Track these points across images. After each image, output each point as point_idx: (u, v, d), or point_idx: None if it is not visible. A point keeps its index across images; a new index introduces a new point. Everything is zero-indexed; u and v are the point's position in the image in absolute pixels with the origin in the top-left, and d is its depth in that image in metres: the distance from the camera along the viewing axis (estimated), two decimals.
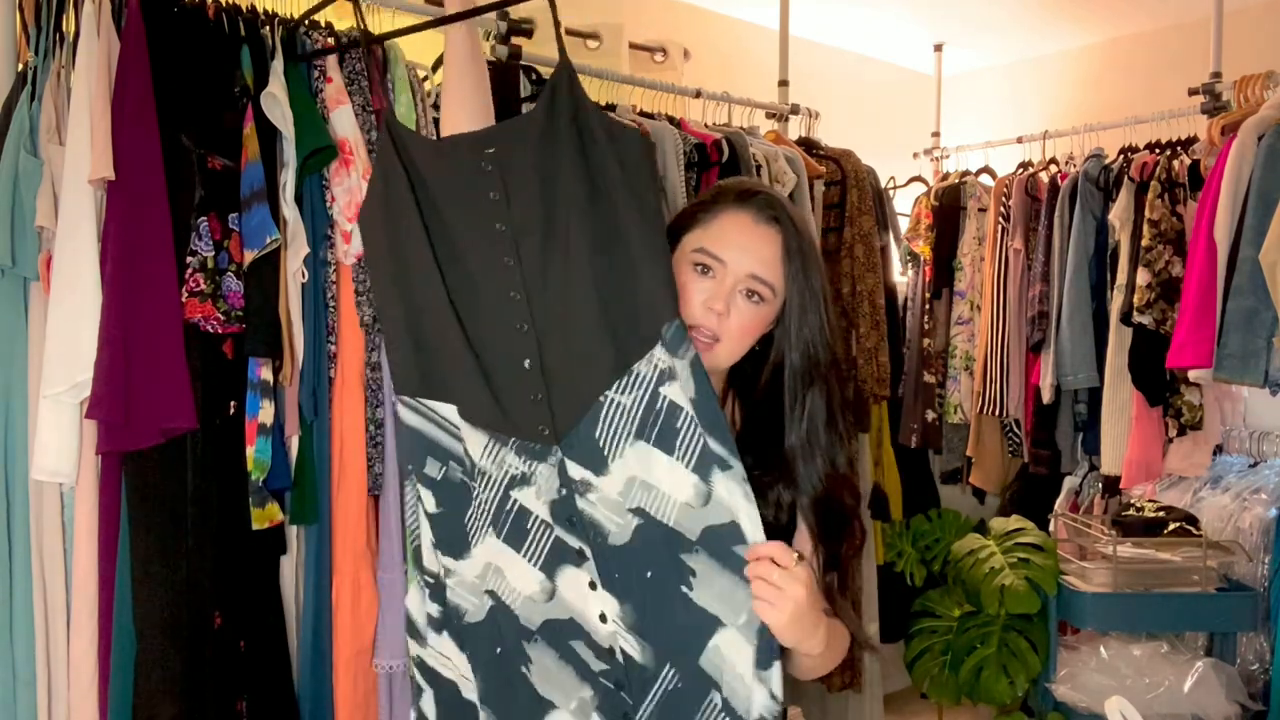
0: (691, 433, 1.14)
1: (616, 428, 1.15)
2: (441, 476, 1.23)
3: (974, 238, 3.49)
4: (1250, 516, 2.71)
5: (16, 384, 1.72)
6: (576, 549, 1.17)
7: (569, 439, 1.16)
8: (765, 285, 1.23)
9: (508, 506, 1.19)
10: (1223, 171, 2.50)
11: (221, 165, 1.76)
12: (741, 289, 1.23)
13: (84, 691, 1.69)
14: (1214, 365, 2.46)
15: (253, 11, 1.90)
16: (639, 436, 1.14)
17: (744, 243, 1.24)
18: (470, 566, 1.23)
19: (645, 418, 1.14)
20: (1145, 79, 3.55)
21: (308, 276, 1.84)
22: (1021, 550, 2.78)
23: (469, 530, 1.22)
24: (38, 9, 1.76)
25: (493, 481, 1.20)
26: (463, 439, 1.21)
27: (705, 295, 1.22)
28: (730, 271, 1.23)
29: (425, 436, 1.23)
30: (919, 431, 3.49)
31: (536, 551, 1.19)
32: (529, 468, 1.18)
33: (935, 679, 2.87)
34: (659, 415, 1.14)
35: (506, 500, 1.19)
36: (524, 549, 1.19)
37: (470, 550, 1.22)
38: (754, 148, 2.56)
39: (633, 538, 1.14)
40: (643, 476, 1.14)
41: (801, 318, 1.24)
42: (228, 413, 1.79)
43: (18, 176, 1.70)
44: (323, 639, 1.89)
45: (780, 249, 1.24)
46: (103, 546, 1.71)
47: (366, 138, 1.90)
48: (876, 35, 3.78)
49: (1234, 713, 2.51)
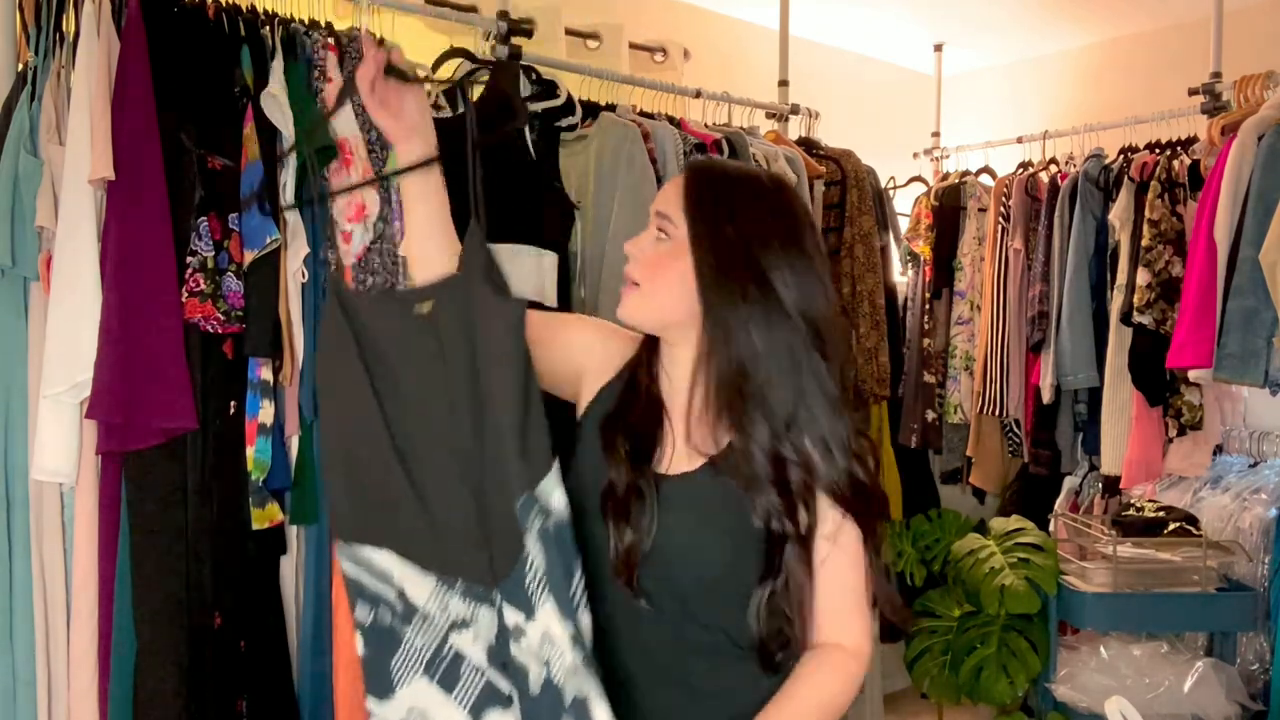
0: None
1: (536, 577, 1.14)
2: (370, 622, 1.23)
3: (974, 238, 3.49)
4: (1250, 516, 2.71)
5: (16, 384, 1.72)
6: (506, 694, 1.17)
7: (505, 583, 1.15)
8: (666, 220, 1.20)
9: (445, 649, 1.19)
10: (1223, 171, 2.50)
11: (221, 165, 1.76)
12: (656, 229, 1.21)
13: (84, 691, 1.69)
14: (1214, 365, 2.46)
15: (253, 11, 1.90)
16: (550, 590, 1.13)
17: (664, 191, 1.23)
18: (394, 709, 1.22)
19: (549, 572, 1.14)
20: (1145, 79, 3.55)
21: (308, 276, 1.85)
22: (1021, 550, 2.78)
23: (394, 673, 1.22)
24: (38, 9, 1.76)
25: (434, 625, 1.20)
26: (399, 584, 1.21)
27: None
28: (651, 219, 1.23)
29: (356, 582, 1.24)
30: (919, 431, 3.49)
31: (467, 695, 1.19)
32: (470, 611, 1.18)
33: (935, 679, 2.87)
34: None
35: (445, 643, 1.19)
36: (455, 691, 1.19)
37: (394, 693, 1.22)
38: (754, 148, 2.57)
39: (541, 689, 1.14)
40: (548, 629, 1.13)
41: (702, 257, 1.16)
42: (228, 413, 1.79)
43: (18, 176, 1.70)
44: (323, 639, 1.89)
45: (683, 186, 1.21)
46: (103, 546, 1.71)
47: (366, 137, 1.90)
48: (876, 35, 3.78)
49: (1234, 713, 2.51)
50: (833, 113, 3.19)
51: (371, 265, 1.90)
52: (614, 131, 2.35)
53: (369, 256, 1.90)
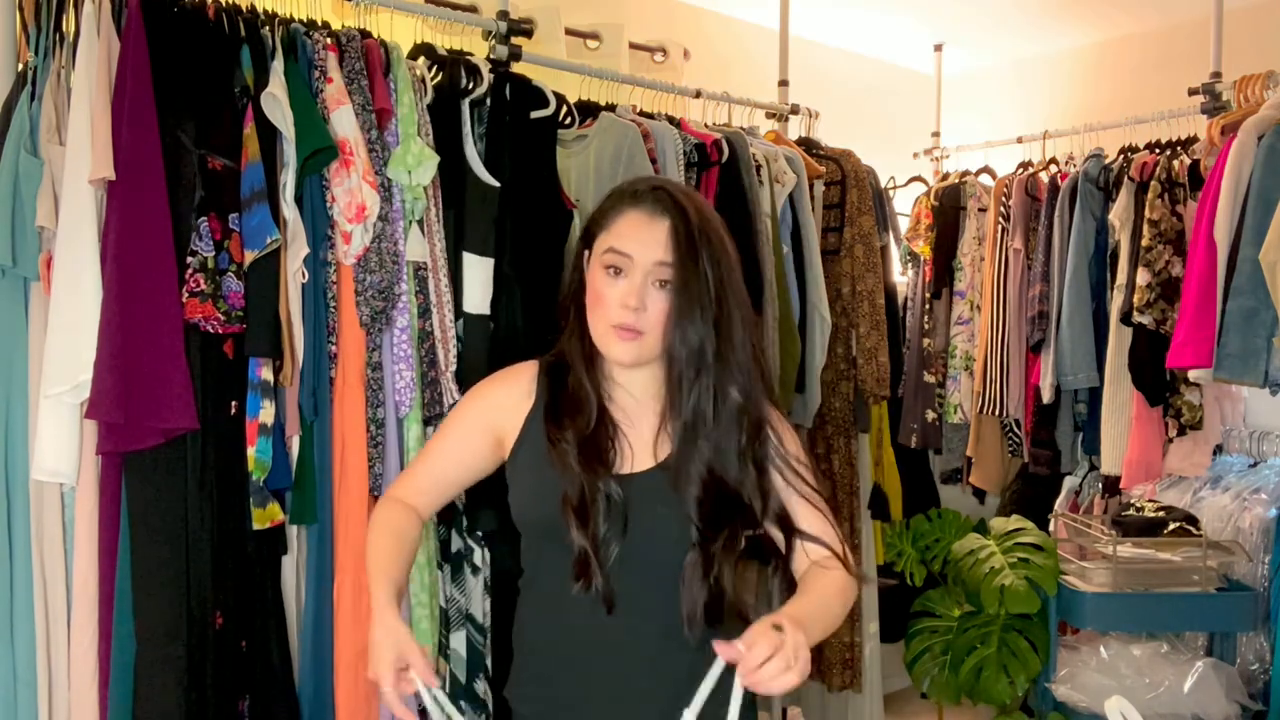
0: None
1: None
2: None
3: (974, 238, 3.49)
4: (1250, 516, 2.71)
5: (17, 384, 1.72)
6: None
7: None
8: (669, 269, 1.27)
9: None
10: (1223, 171, 2.50)
11: (221, 165, 1.76)
12: (653, 280, 1.28)
13: (84, 691, 1.69)
14: (1214, 365, 2.46)
15: (253, 11, 1.90)
16: None
17: (643, 236, 1.28)
18: None
19: None
20: (1145, 79, 3.55)
21: (308, 276, 1.85)
22: (1021, 550, 2.78)
23: None
24: (38, 9, 1.76)
25: None
26: None
27: (620, 293, 1.28)
28: (638, 265, 1.28)
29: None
30: (919, 431, 3.49)
31: None
32: None
33: (935, 679, 2.87)
34: None
35: None
36: None
37: None
38: (754, 148, 2.57)
39: None
40: None
41: (686, 299, 1.26)
42: (228, 413, 1.79)
43: (18, 176, 1.70)
44: (324, 639, 1.88)
45: (670, 234, 1.27)
46: (103, 546, 1.71)
47: (366, 138, 1.90)
48: (876, 35, 3.78)
49: (1234, 713, 2.51)
50: (833, 113, 3.19)
51: (371, 265, 1.90)
52: (614, 131, 2.35)
53: (369, 256, 1.89)
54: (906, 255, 3.63)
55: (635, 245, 1.28)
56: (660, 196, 1.30)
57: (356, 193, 1.86)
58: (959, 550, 2.95)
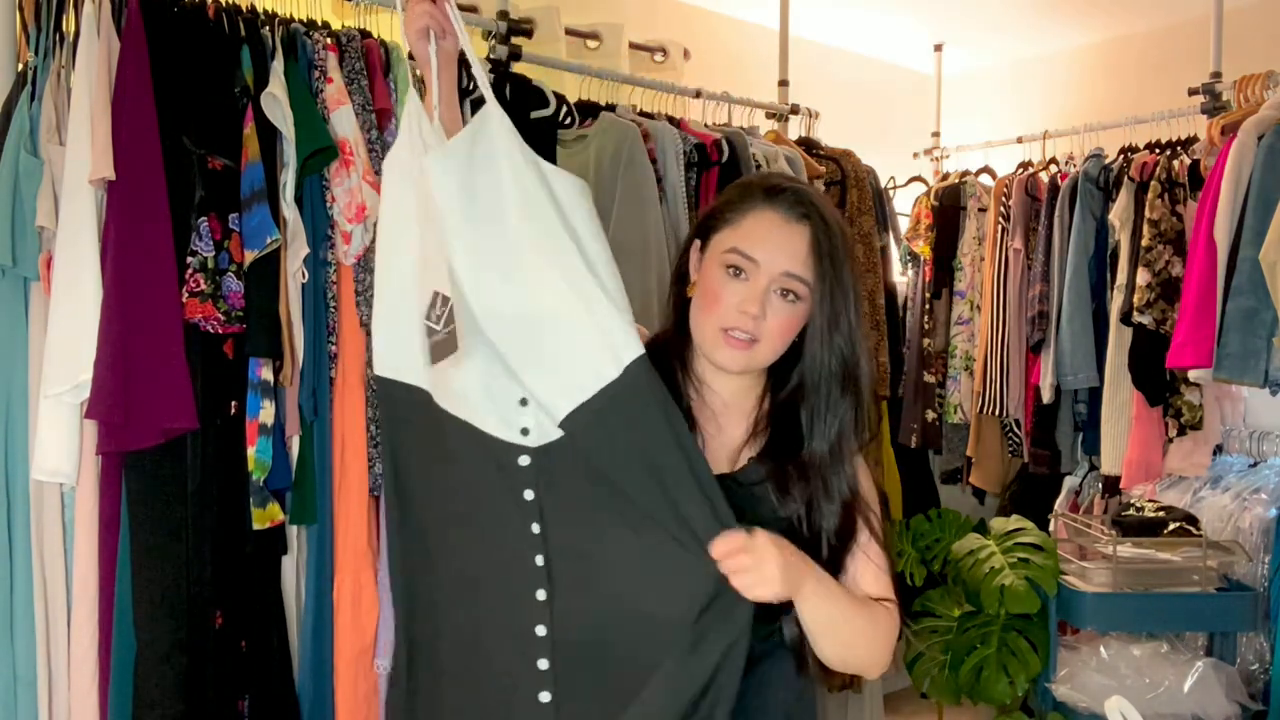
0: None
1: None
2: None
3: (974, 238, 3.49)
4: (1250, 516, 2.71)
5: (17, 384, 1.72)
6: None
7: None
8: (800, 282, 1.21)
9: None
10: (1223, 171, 2.50)
11: (221, 165, 1.76)
12: (776, 288, 1.21)
13: (84, 691, 1.69)
14: (1214, 365, 2.46)
15: (253, 11, 1.90)
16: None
17: (776, 240, 1.22)
18: None
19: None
20: (1145, 79, 3.55)
21: (308, 276, 1.85)
22: (1021, 550, 2.77)
23: None
24: (38, 9, 1.76)
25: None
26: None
27: (739, 298, 1.21)
28: (764, 271, 1.21)
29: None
30: (919, 431, 3.49)
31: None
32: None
33: (935, 679, 2.87)
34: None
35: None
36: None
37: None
38: (754, 148, 2.57)
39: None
40: None
41: (832, 316, 1.22)
42: (228, 413, 1.79)
43: (18, 176, 1.70)
44: (324, 639, 1.89)
45: (809, 244, 1.22)
46: (103, 546, 1.71)
47: (366, 138, 1.90)
48: (876, 35, 3.78)
49: (1234, 713, 2.51)
50: (833, 113, 3.19)
51: (371, 265, 1.90)
52: (614, 131, 2.35)
53: (369, 256, 1.90)
54: (906, 255, 3.63)
55: (764, 250, 1.21)
56: (799, 199, 1.23)
57: (356, 193, 1.86)
58: (959, 550, 2.95)
